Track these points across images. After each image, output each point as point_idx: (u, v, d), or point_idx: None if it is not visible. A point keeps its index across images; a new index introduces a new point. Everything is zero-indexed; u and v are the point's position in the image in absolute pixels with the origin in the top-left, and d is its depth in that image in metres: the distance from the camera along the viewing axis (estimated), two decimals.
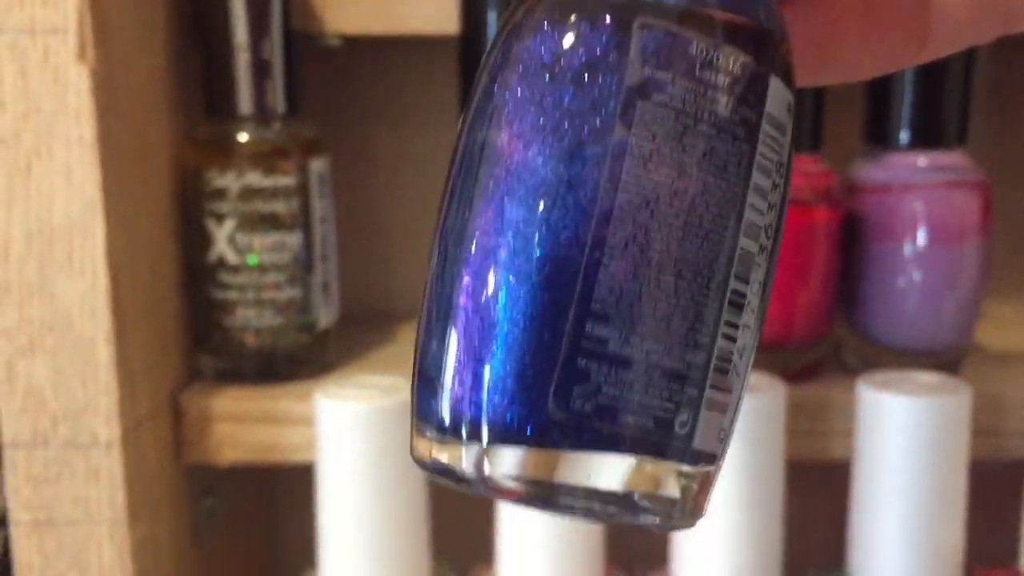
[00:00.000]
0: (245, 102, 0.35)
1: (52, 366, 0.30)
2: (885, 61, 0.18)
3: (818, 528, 0.43)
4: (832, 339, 0.36)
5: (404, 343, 0.42)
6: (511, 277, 0.14)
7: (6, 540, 0.31)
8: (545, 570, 0.32)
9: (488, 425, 0.14)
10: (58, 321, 0.29)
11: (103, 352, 0.30)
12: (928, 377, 0.33)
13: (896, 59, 0.18)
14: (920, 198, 0.34)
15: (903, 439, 0.31)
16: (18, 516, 0.31)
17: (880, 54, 0.17)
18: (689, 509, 0.15)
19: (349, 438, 0.31)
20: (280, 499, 0.49)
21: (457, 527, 0.39)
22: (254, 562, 0.46)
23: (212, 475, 0.38)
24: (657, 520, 0.14)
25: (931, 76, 0.34)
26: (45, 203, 0.29)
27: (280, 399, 0.35)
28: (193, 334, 0.37)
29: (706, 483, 0.15)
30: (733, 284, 0.15)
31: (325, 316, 0.37)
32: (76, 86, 0.29)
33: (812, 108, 0.34)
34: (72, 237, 0.29)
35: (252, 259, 0.35)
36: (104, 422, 0.30)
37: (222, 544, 0.41)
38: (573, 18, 0.15)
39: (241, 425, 0.35)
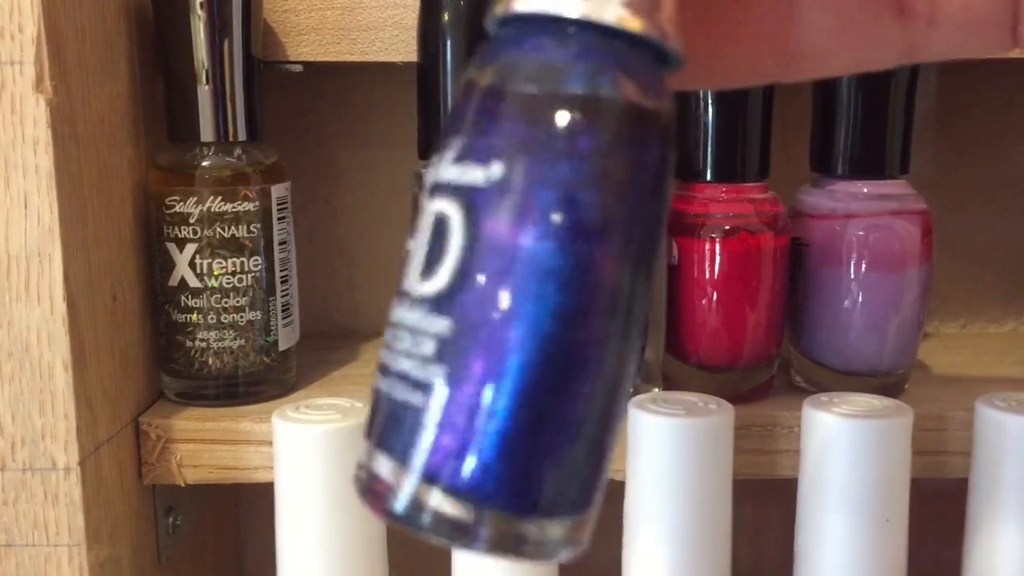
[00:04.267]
0: (207, 129, 0.36)
1: (10, 392, 0.30)
2: (757, 74, 0.19)
3: (773, 535, 0.44)
4: (780, 361, 0.37)
5: (366, 363, 0.43)
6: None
7: None
8: None
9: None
10: (16, 347, 0.30)
11: (61, 378, 0.30)
12: (871, 399, 0.33)
13: (767, 73, 0.19)
14: (863, 226, 0.35)
15: (846, 460, 0.32)
16: None
17: (752, 67, 0.19)
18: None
19: (305, 460, 0.32)
20: (244, 516, 0.49)
21: (414, 544, 0.40)
22: None
23: (175, 494, 0.38)
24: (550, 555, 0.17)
25: (874, 107, 0.35)
26: (1, 231, 0.29)
27: (241, 420, 0.35)
28: (157, 357, 0.37)
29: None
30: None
31: (286, 337, 0.38)
32: (33, 116, 0.29)
33: (760, 137, 0.35)
34: (29, 265, 0.30)
35: (213, 282, 0.36)
36: (62, 447, 0.30)
37: (185, 562, 0.41)
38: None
39: (202, 446, 0.35)
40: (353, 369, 0.42)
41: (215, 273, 0.36)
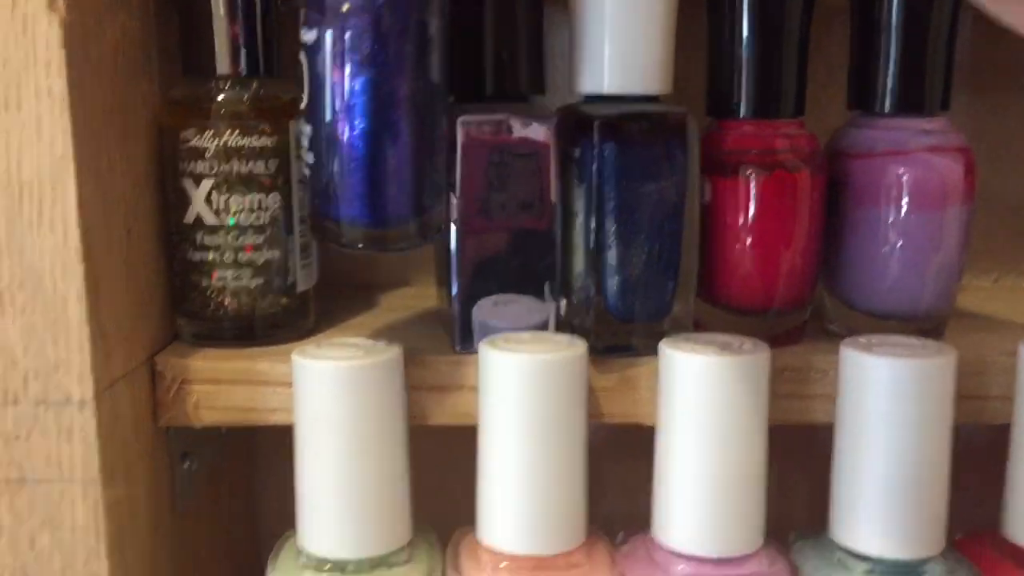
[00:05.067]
0: (223, 62, 0.34)
1: (23, 323, 0.29)
2: None
3: (801, 492, 0.43)
4: (814, 304, 0.36)
5: (384, 311, 0.42)
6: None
7: None
8: (527, 534, 0.32)
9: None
10: (28, 278, 0.29)
11: (75, 309, 0.29)
12: (912, 340, 0.32)
13: None
14: (903, 163, 0.34)
15: (886, 401, 0.31)
16: None
17: None
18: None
19: (327, 398, 0.31)
20: (260, 461, 0.49)
21: (440, 490, 0.39)
22: (234, 524, 0.46)
23: (190, 439, 0.37)
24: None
25: (915, 42, 0.33)
26: (13, 157, 0.28)
27: (259, 360, 0.35)
28: (172, 297, 0.36)
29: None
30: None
31: (304, 279, 0.37)
32: (46, 37, 0.28)
33: (796, 74, 0.34)
34: (42, 192, 0.29)
35: (230, 220, 0.35)
36: (77, 380, 0.29)
37: (201, 506, 0.40)
38: None
39: (219, 387, 0.34)
40: (371, 318, 0.41)
41: (232, 210, 0.35)
